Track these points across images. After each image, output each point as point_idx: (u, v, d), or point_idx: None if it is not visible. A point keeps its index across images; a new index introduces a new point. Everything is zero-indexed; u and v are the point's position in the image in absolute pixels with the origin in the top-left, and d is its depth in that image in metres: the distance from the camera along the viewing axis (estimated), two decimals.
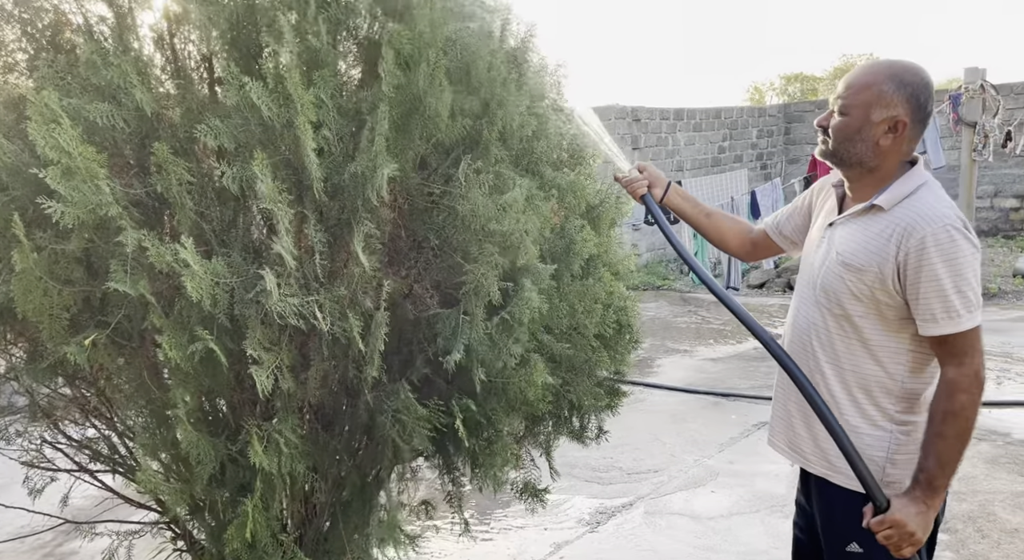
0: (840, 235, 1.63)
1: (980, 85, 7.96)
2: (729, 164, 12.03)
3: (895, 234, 1.51)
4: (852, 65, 25.45)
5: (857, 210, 1.61)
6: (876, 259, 1.53)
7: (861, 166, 1.59)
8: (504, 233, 2.02)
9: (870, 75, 1.56)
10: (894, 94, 1.52)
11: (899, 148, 1.57)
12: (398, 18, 2.09)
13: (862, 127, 1.55)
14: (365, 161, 1.83)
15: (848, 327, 1.59)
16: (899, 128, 1.54)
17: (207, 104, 1.90)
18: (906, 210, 1.53)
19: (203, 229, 1.81)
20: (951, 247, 1.47)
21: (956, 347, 1.50)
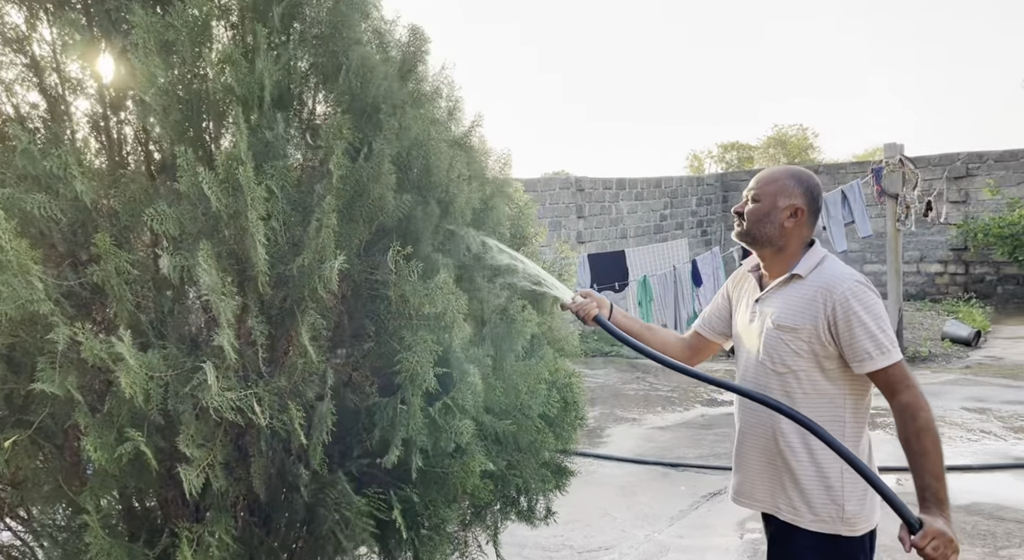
0: (769, 305, 1.90)
1: (899, 159, 8.49)
2: (671, 231, 12.41)
3: (819, 294, 1.81)
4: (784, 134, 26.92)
5: (778, 282, 1.91)
6: (808, 318, 1.81)
7: (771, 244, 1.91)
8: (437, 315, 2.03)
9: (776, 174, 1.94)
10: (795, 187, 1.90)
11: (800, 231, 1.91)
12: (348, 108, 2.14)
13: (771, 211, 1.89)
14: (312, 253, 1.84)
15: (795, 382, 1.85)
16: (798, 214, 1.89)
17: (149, 192, 1.88)
18: (821, 275, 1.85)
19: (140, 320, 1.77)
20: (866, 297, 1.79)
21: (896, 376, 1.78)
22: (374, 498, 1.96)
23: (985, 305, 10.26)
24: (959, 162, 11.35)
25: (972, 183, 11.26)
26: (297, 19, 2.37)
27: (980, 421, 6.02)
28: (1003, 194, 10.87)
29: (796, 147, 26.44)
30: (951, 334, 8.76)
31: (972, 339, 8.79)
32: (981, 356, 8.28)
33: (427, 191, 2.16)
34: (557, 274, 3.16)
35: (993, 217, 10.72)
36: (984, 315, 9.69)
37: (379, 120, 2.09)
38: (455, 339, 2.10)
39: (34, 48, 1.99)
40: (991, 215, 10.81)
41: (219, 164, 1.82)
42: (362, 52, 2.08)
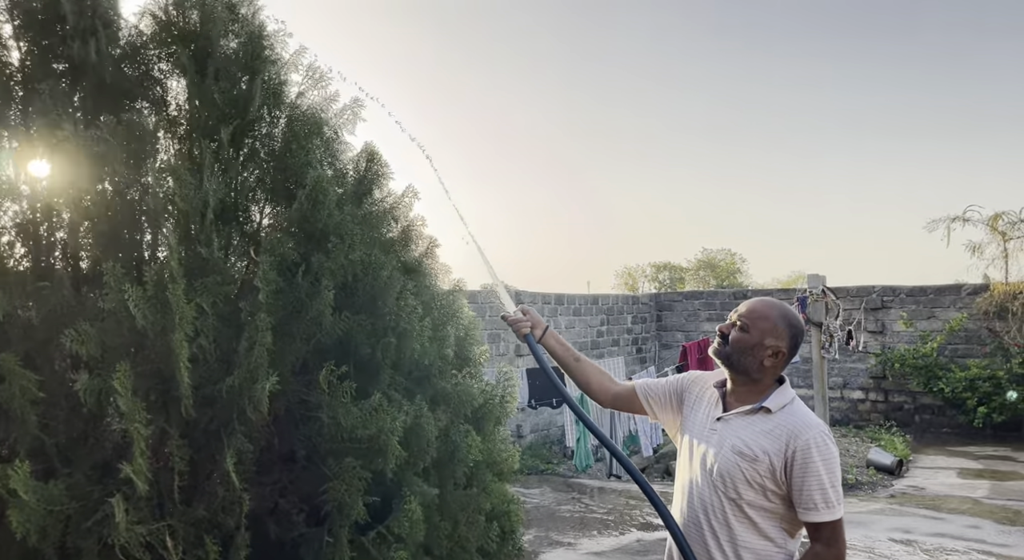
0: (732, 429, 1.94)
1: (822, 289, 8.96)
2: (607, 347, 12.56)
3: (784, 434, 1.86)
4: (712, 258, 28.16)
5: (745, 410, 1.96)
6: (769, 452, 1.86)
7: (747, 375, 1.97)
8: (371, 437, 1.94)
9: (768, 310, 1.99)
10: (784, 330, 1.96)
11: (776, 370, 1.99)
12: (297, 225, 2.11)
13: (755, 346, 1.95)
14: (244, 372, 1.74)
15: (739, 508, 1.89)
16: (779, 356, 1.96)
17: (71, 305, 1.77)
18: (789, 416, 1.90)
19: (45, 444, 1.61)
20: (827, 450, 1.84)
21: (827, 532, 1.82)
22: None
23: (905, 433, 10.59)
24: (875, 294, 12.05)
25: (887, 314, 11.92)
26: (249, 135, 2.38)
27: (907, 554, 6.04)
28: (915, 326, 11.52)
29: (725, 271, 27.70)
30: (875, 462, 8.95)
31: (895, 468, 8.99)
32: (904, 485, 8.43)
33: (373, 315, 2.11)
34: (499, 395, 3.10)
35: (908, 348, 11.29)
36: (905, 443, 9.98)
37: (324, 240, 2.06)
38: (389, 462, 2.00)
39: None
40: (906, 346, 11.39)
41: (148, 280, 1.74)
42: (316, 175, 2.09)
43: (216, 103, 2.26)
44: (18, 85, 2.07)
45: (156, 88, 2.34)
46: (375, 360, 2.15)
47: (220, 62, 2.29)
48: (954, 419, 10.71)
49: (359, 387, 2.12)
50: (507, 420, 3.23)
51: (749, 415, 1.94)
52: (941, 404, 10.86)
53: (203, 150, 1.94)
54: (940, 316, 11.51)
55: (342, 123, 2.63)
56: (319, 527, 1.90)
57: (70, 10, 1.96)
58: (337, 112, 2.62)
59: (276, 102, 2.40)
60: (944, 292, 11.59)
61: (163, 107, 2.36)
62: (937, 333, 11.26)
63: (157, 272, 1.71)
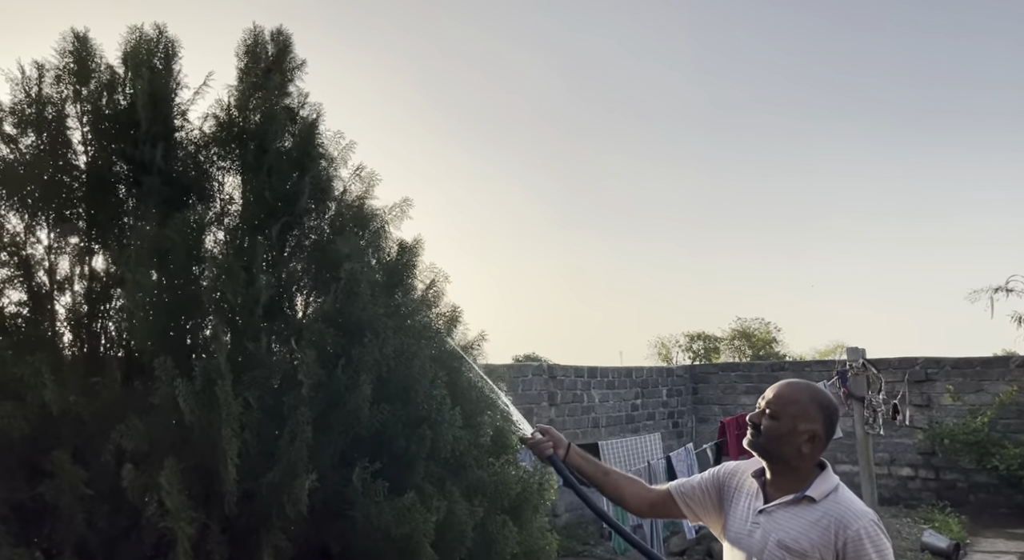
0: (775, 522, 1.87)
1: (862, 363, 8.73)
2: (643, 421, 12.30)
3: (831, 525, 1.79)
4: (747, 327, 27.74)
5: (788, 500, 1.88)
6: (817, 545, 1.78)
7: (786, 464, 1.90)
8: (404, 536, 1.91)
9: (797, 394, 1.93)
10: (816, 413, 1.89)
11: (815, 454, 1.92)
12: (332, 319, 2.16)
13: (789, 432, 1.89)
14: (284, 468, 1.75)
15: None
16: (816, 439, 1.90)
17: (120, 402, 1.82)
18: (835, 504, 1.83)
19: (90, 542, 1.63)
20: (879, 540, 1.78)
21: None
22: None
23: (960, 514, 10.04)
24: (918, 366, 11.69)
25: (932, 388, 11.52)
26: (295, 227, 2.46)
27: None
28: (963, 400, 11.10)
29: (760, 340, 27.22)
30: (930, 545, 8.47)
31: (951, 552, 8.49)
32: None
33: (407, 405, 2.12)
34: (537, 481, 3.05)
35: (957, 423, 10.84)
36: (960, 525, 9.45)
37: (359, 333, 2.10)
38: None
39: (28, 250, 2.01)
40: (954, 420, 10.95)
41: (197, 375, 1.78)
42: (351, 268, 2.14)
43: (266, 198, 2.35)
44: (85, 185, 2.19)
45: (212, 184, 2.45)
46: (410, 452, 2.14)
47: (273, 159, 2.40)
48: (1012, 498, 10.15)
49: (395, 479, 2.11)
50: (546, 508, 3.17)
51: (792, 505, 1.87)
52: (997, 482, 10.32)
53: (256, 246, 2.02)
54: (989, 389, 11.09)
55: (391, 218, 2.71)
56: None
57: (144, 116, 2.09)
58: (386, 208, 2.70)
59: (324, 196, 2.50)
60: (991, 364, 11.20)
61: (216, 202, 2.46)
62: (987, 407, 10.83)
63: (206, 367, 1.75)
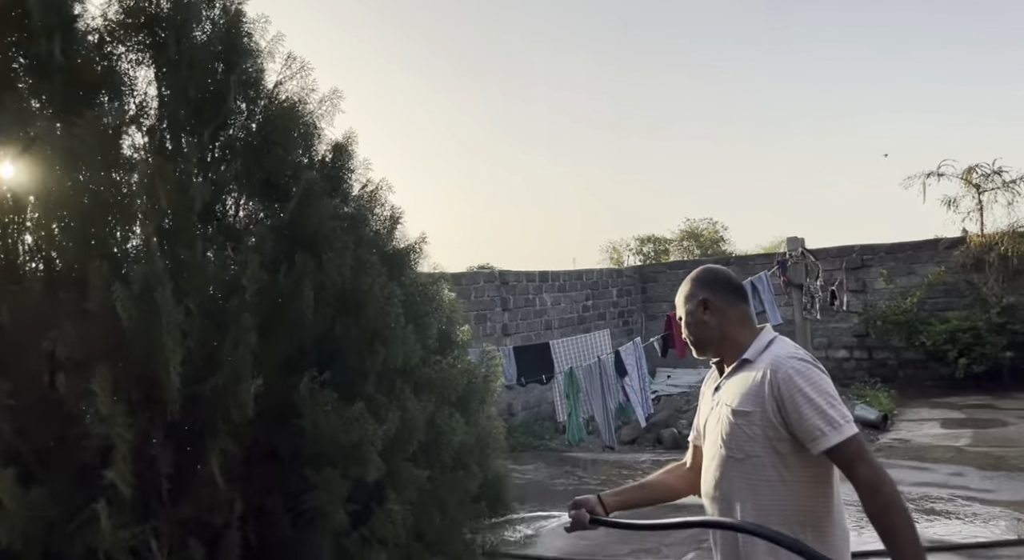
0: (726, 393, 1.93)
1: (801, 252, 9.04)
2: (593, 321, 12.62)
3: (765, 376, 1.81)
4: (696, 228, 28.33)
5: (731, 369, 1.95)
6: (758, 401, 1.80)
7: (712, 343, 1.99)
8: (352, 445, 1.92)
9: (679, 292, 2.08)
10: (691, 288, 2.03)
11: (724, 316, 1.97)
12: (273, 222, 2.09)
13: (691, 318, 2.01)
14: (228, 372, 1.74)
15: (753, 469, 1.82)
16: (708, 304, 1.98)
17: (43, 308, 1.75)
18: (767, 356, 1.87)
19: (20, 451, 1.61)
20: (810, 373, 1.78)
21: (850, 452, 1.71)
22: None
23: (890, 389, 10.77)
24: (855, 253, 12.17)
25: (868, 273, 12.06)
26: (227, 129, 2.34)
27: None
28: (895, 283, 11.66)
29: (708, 239, 27.81)
30: (861, 418, 9.10)
31: (880, 422, 9.16)
32: (890, 439, 8.60)
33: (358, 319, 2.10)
34: (483, 372, 3.12)
35: (889, 305, 11.44)
36: (889, 398, 10.16)
37: (312, 243, 2.04)
38: (370, 474, 1.99)
39: None
40: (887, 303, 11.54)
41: (134, 281, 1.72)
42: (309, 177, 2.06)
43: (188, 96, 2.21)
44: None
45: (124, 79, 2.27)
46: (363, 366, 2.14)
47: (192, 51, 2.23)
48: (937, 372, 10.90)
49: (345, 387, 2.11)
50: (493, 399, 3.25)
51: (736, 373, 1.92)
52: (923, 358, 11.04)
53: (185, 147, 1.92)
54: (919, 272, 11.65)
55: (321, 114, 2.59)
56: (306, 528, 1.91)
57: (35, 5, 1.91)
58: (316, 102, 2.57)
59: (254, 94, 2.36)
60: (922, 248, 11.72)
61: (130, 101, 2.30)
62: (917, 288, 11.40)
63: (143, 272, 1.69)
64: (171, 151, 2.21)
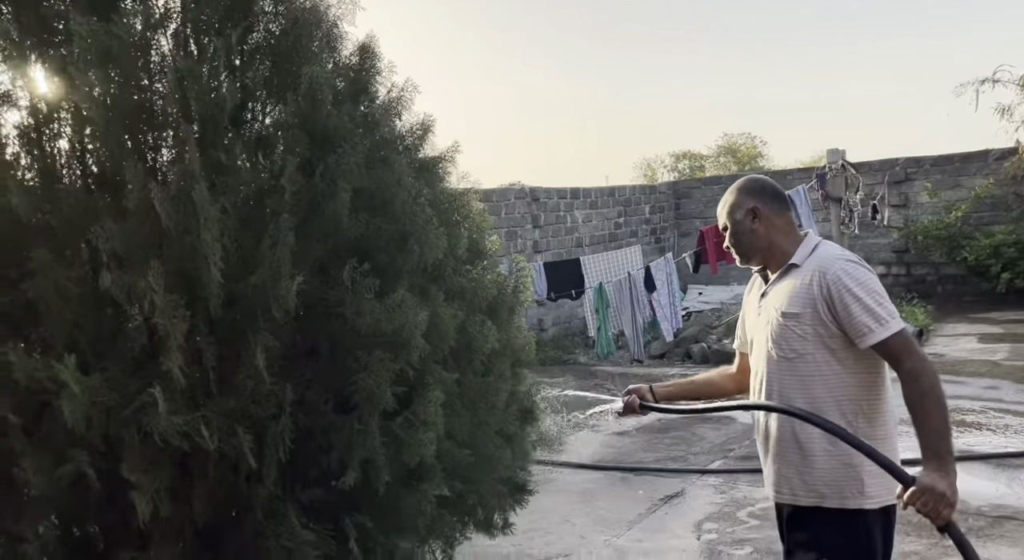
0: (773, 297, 1.99)
1: (841, 164, 8.77)
2: (625, 239, 12.56)
3: (813, 278, 1.87)
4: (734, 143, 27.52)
5: (778, 275, 2.00)
6: (807, 302, 1.87)
7: (759, 251, 2.02)
8: (395, 331, 2.00)
9: (723, 200, 2.09)
10: (738, 198, 2.04)
11: (772, 225, 2.01)
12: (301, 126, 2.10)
13: (737, 228, 2.03)
14: (267, 271, 1.80)
15: (804, 366, 1.90)
16: (757, 212, 2.00)
17: (87, 208, 1.82)
18: (814, 260, 1.92)
19: (78, 340, 1.71)
20: (858, 273, 1.85)
21: (897, 346, 1.80)
22: (321, 531, 1.91)
23: (927, 304, 10.62)
24: (898, 167, 11.76)
25: (911, 187, 11.68)
26: (253, 31, 2.32)
27: None
28: (940, 197, 11.29)
29: (746, 155, 27.04)
30: None
31: (915, 337, 9.10)
32: (925, 353, 8.58)
33: (388, 219, 2.13)
34: (513, 283, 3.17)
35: (931, 220, 11.13)
36: (926, 314, 10.04)
37: (328, 142, 2.05)
38: (413, 356, 2.08)
39: None
40: (929, 218, 11.23)
41: (171, 180, 1.77)
42: (311, 72, 2.05)
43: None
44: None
45: None
46: (396, 265, 2.18)
47: None
48: (977, 287, 10.67)
49: (379, 288, 2.16)
50: (521, 309, 3.31)
51: (783, 278, 1.97)
52: (964, 273, 10.79)
53: (214, 49, 1.92)
54: (966, 185, 11.23)
55: (341, 14, 2.54)
56: (347, 415, 2.01)
57: None
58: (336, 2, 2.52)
59: None
60: (970, 159, 11.25)
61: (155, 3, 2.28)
62: (962, 202, 11.03)
63: (180, 172, 1.74)
64: (198, 55, 2.20)
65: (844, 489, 1.88)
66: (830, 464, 1.89)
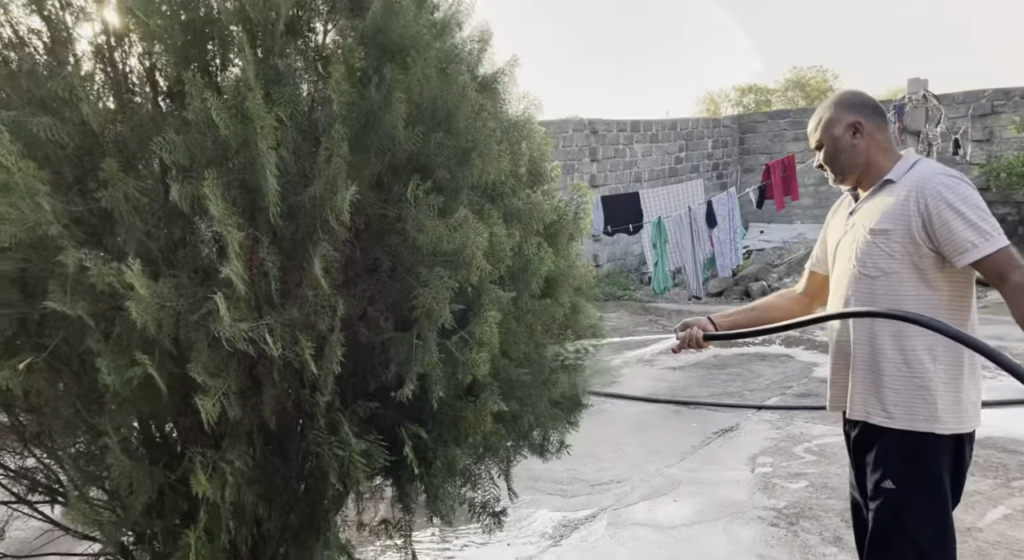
0: (863, 214, 1.92)
1: (923, 95, 8.24)
2: (686, 174, 12.22)
3: (911, 195, 1.80)
4: (803, 76, 26.16)
5: (871, 192, 1.92)
6: (900, 219, 1.80)
7: (856, 168, 1.94)
8: (455, 250, 1.99)
9: (817, 115, 1.99)
10: (837, 112, 1.94)
11: (873, 141, 1.92)
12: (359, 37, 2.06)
13: (836, 145, 1.94)
14: (324, 183, 1.79)
15: (887, 285, 1.85)
16: (859, 127, 1.91)
17: (154, 120, 1.84)
18: (912, 176, 1.84)
19: (150, 249, 1.75)
20: (960, 188, 1.77)
21: (1003, 261, 1.73)
22: (377, 442, 1.96)
23: None
24: (984, 99, 10.99)
25: (997, 121, 10.93)
26: None
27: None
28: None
29: (815, 89, 25.71)
30: None
31: None
32: (998, 295, 8.21)
33: (449, 134, 2.09)
34: (573, 212, 3.11)
35: (1017, 155, 10.44)
36: None
37: (399, 52, 2.01)
38: (473, 276, 2.07)
39: None
40: (1015, 153, 10.53)
41: (227, 90, 1.77)
42: None
43: None
44: None
45: None
46: (456, 180, 2.15)
47: None
48: None
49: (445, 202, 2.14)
50: (581, 238, 3.26)
51: (876, 194, 1.90)
52: None
53: None
54: None
55: None
56: (406, 331, 2.02)
57: None
58: None
59: None
60: None
61: None
62: None
63: (235, 82, 1.73)
64: None
65: (915, 411, 1.84)
66: (903, 385, 1.84)
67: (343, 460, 1.84)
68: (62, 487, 2.22)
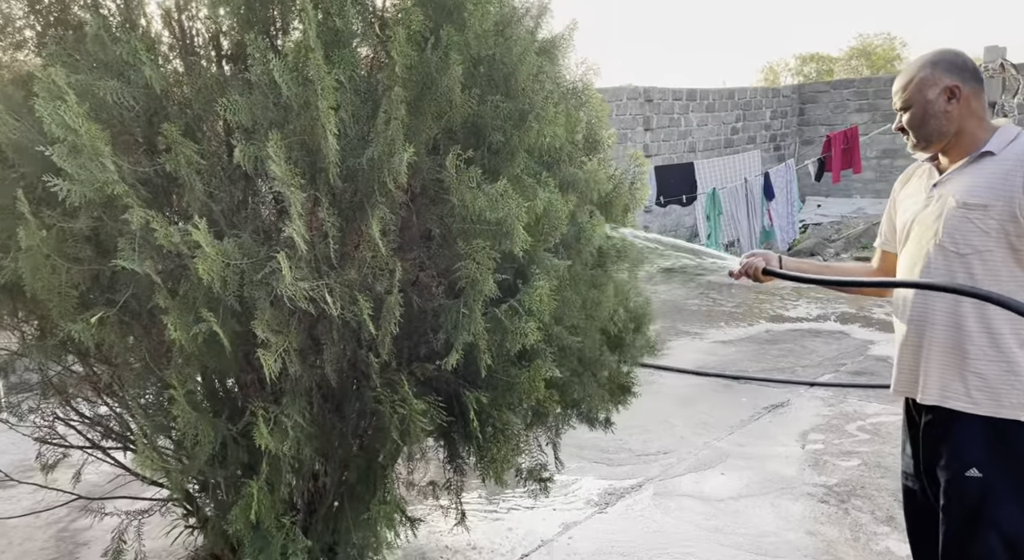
0: (952, 185, 1.77)
1: (1000, 64, 7.79)
2: (742, 145, 11.90)
3: (1015, 167, 1.68)
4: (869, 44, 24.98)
5: (965, 162, 1.76)
6: (1001, 194, 1.68)
7: (945, 136, 1.79)
8: (499, 220, 1.98)
9: (908, 73, 1.80)
10: (932, 73, 1.77)
11: (968, 108, 1.76)
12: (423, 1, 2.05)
13: (928, 109, 1.77)
14: (382, 145, 1.80)
15: (980, 264, 1.72)
16: (956, 92, 1.75)
17: (218, 82, 1.87)
18: (1015, 150, 1.71)
19: (212, 210, 1.79)
20: None
21: None
22: (433, 402, 1.99)
23: None
24: None
25: None
26: None
27: None
28: None
29: (882, 58, 24.58)
30: None
31: None
32: None
33: (507, 97, 2.07)
34: (629, 181, 3.06)
35: None
36: None
37: (456, 10, 1.98)
38: (515, 245, 2.06)
39: None
40: None
41: (288, 53, 1.78)
42: None
43: None
44: None
45: None
46: (511, 143, 2.14)
47: None
48: None
49: (492, 168, 2.13)
50: (636, 208, 3.21)
51: (969, 165, 1.76)
52: None
53: None
54: None
55: None
56: (456, 299, 2.04)
57: None
58: None
59: None
60: None
61: None
62: None
63: (296, 44, 1.75)
64: None
65: (1002, 396, 1.73)
66: (990, 368, 1.73)
67: (404, 417, 1.88)
68: (132, 435, 2.33)
